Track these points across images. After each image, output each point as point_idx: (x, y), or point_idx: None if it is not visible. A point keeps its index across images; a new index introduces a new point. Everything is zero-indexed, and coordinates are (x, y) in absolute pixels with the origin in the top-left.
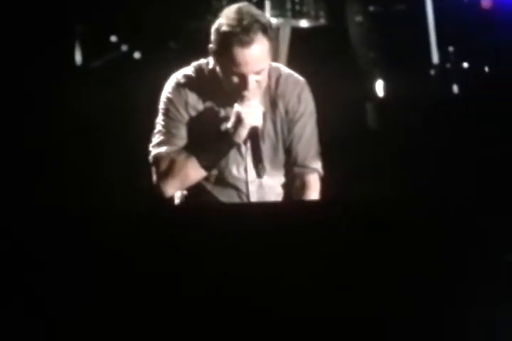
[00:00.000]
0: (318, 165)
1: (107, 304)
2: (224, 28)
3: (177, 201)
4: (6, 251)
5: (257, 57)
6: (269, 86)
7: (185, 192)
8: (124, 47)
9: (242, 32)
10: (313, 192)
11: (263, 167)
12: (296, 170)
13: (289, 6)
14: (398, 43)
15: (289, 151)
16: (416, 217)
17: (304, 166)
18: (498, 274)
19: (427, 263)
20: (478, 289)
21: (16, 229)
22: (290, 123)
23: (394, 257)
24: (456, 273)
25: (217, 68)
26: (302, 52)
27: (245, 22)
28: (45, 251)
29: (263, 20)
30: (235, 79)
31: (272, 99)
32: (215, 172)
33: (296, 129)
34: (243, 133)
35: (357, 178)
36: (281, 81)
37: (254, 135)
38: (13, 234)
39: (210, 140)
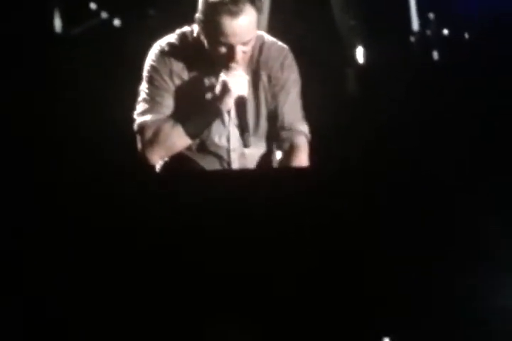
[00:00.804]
0: (305, 128)
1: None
2: None
3: (158, 168)
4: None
5: (245, 28)
6: (252, 53)
7: (166, 159)
8: (104, 15)
9: (230, 2)
10: (303, 154)
11: (249, 136)
12: (284, 134)
13: None
14: (378, 10)
15: (274, 117)
16: (398, 188)
17: (291, 129)
18: None
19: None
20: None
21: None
22: (274, 88)
23: (378, 228)
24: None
25: (203, 37)
26: (282, 18)
27: None
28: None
29: None
30: (222, 49)
31: (255, 67)
32: (197, 140)
33: (282, 95)
34: (229, 102)
35: (337, 146)
36: (264, 49)
37: (240, 104)
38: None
39: (195, 108)
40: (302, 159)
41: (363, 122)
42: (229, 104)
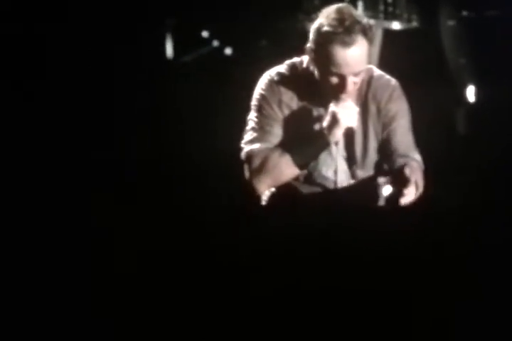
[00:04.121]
0: (419, 157)
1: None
2: (325, 28)
3: (264, 198)
4: None
5: (357, 59)
6: (360, 86)
7: (273, 190)
8: (216, 43)
9: (343, 32)
10: (419, 174)
11: (356, 168)
12: (399, 161)
13: (381, 7)
14: (491, 49)
15: (384, 149)
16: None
17: (406, 156)
18: None
19: None
20: None
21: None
22: (384, 120)
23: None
24: None
25: (313, 68)
26: (393, 54)
27: (347, 22)
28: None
29: (363, 21)
30: (333, 79)
31: (364, 100)
32: (304, 172)
33: (392, 126)
34: (338, 133)
35: (444, 185)
36: (373, 81)
37: (349, 136)
38: None
39: (303, 138)
40: (418, 179)
41: (468, 162)
42: (337, 135)
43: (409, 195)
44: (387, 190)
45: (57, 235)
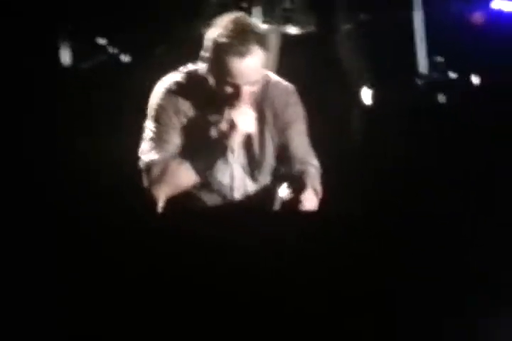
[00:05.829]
0: (316, 162)
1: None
2: (220, 38)
3: (162, 205)
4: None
5: (253, 69)
6: (257, 93)
7: (171, 198)
8: (113, 50)
9: (238, 43)
10: (316, 183)
11: (254, 173)
12: (297, 166)
13: (278, 12)
14: (386, 52)
15: (281, 154)
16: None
17: (304, 162)
18: None
19: None
20: None
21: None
22: (281, 126)
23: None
24: None
25: (209, 76)
26: (290, 59)
27: (242, 33)
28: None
29: (259, 31)
30: (229, 89)
31: (260, 105)
32: (202, 179)
33: (289, 131)
34: (236, 139)
35: (342, 189)
36: (270, 87)
37: (246, 141)
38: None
39: (201, 146)
40: (316, 184)
41: (366, 165)
42: (236, 141)
43: (308, 201)
44: (285, 196)
45: None
